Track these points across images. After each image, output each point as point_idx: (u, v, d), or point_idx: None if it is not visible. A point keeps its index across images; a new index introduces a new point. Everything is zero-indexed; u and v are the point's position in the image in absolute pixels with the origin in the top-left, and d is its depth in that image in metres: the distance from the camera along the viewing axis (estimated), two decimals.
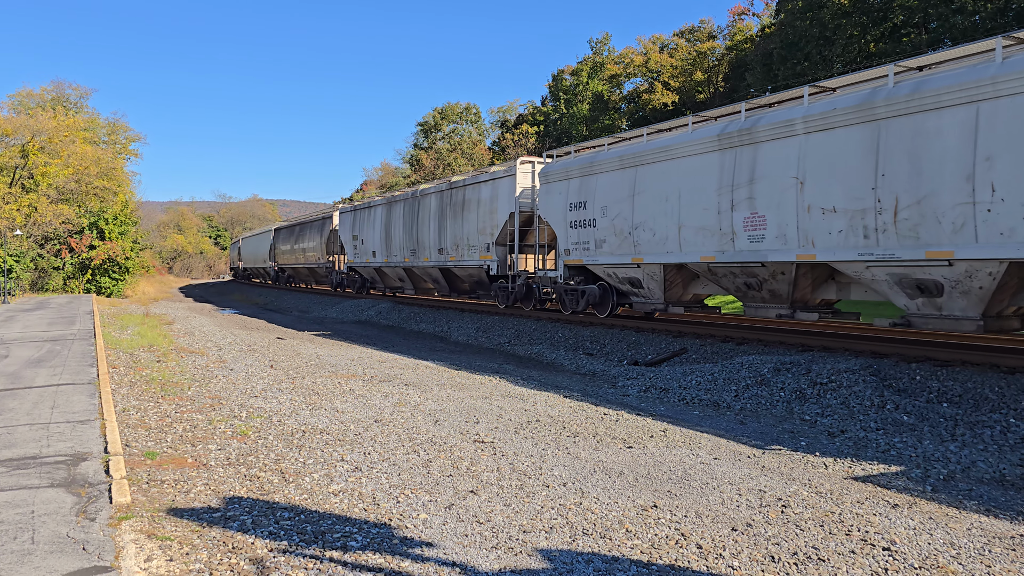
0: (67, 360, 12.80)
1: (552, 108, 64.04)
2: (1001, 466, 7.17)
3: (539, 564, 4.70)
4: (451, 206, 24.00)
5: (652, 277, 15.42)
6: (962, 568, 4.76)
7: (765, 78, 37.73)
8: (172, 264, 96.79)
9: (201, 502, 5.72)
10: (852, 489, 6.42)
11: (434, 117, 78.66)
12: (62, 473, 6.09)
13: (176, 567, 4.51)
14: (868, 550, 5.02)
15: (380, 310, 27.98)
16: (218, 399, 9.92)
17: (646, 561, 4.78)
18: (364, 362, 14.35)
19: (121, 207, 43.96)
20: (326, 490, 6.07)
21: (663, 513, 5.69)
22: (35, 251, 39.83)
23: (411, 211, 27.06)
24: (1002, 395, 9.20)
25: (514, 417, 9.13)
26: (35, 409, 8.64)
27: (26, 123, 40.76)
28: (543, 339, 18.04)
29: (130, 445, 7.35)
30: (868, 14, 32.69)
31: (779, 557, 4.86)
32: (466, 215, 22.98)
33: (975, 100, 9.40)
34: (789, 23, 36.42)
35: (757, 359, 11.77)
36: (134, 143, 55.61)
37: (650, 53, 54.77)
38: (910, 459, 7.49)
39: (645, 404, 10.49)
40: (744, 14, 50.04)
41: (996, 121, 9.19)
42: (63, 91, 51.35)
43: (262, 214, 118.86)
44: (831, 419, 9.27)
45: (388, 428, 8.35)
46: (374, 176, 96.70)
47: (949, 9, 29.55)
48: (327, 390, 10.84)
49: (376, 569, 4.55)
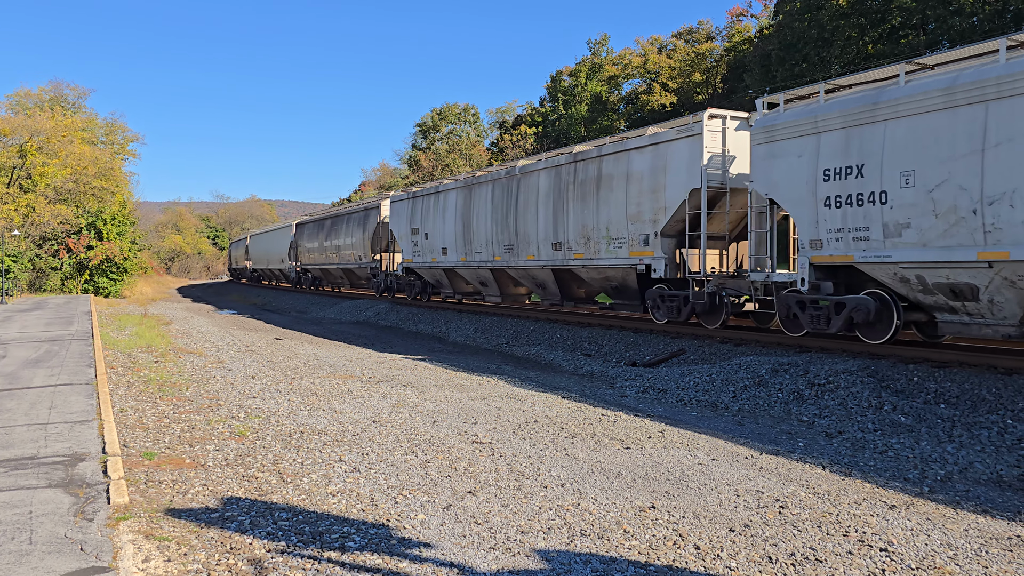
0: (65, 360, 12.79)
1: (551, 109, 64.06)
2: (998, 467, 7.18)
3: (537, 565, 4.70)
4: (576, 185, 17.96)
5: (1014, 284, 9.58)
6: (959, 569, 4.77)
7: (763, 79, 37.78)
8: (170, 264, 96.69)
9: (199, 502, 5.71)
10: (849, 490, 6.43)
11: (432, 118, 78.68)
12: (60, 473, 6.09)
13: (174, 567, 4.51)
14: (865, 551, 5.02)
15: (378, 311, 27.97)
16: (216, 400, 9.91)
17: (644, 562, 4.78)
18: (362, 363, 14.35)
19: (119, 207, 43.94)
20: (324, 491, 6.07)
21: (661, 514, 5.69)
22: (33, 251, 39.80)
23: (505, 195, 21.10)
24: (999, 396, 9.22)
25: (512, 418, 9.13)
26: (33, 409, 8.63)
27: (24, 123, 40.75)
28: (541, 340, 18.04)
29: (128, 446, 7.35)
30: (866, 15, 32.75)
31: (777, 558, 4.87)
32: (604, 196, 16.94)
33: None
34: (787, 24, 36.47)
35: (755, 360, 11.78)
36: (132, 143, 55.75)
37: (648, 54, 54.85)
38: (907, 460, 7.50)
39: (643, 405, 10.50)
40: (742, 15, 50.12)
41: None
42: (61, 91, 51.42)
43: (260, 214, 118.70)
44: (829, 420, 9.29)
45: (386, 429, 8.35)
46: (372, 177, 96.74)
47: (947, 11, 29.62)
48: (325, 391, 10.84)
49: (374, 569, 4.55)
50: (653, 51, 55.18)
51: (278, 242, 50.03)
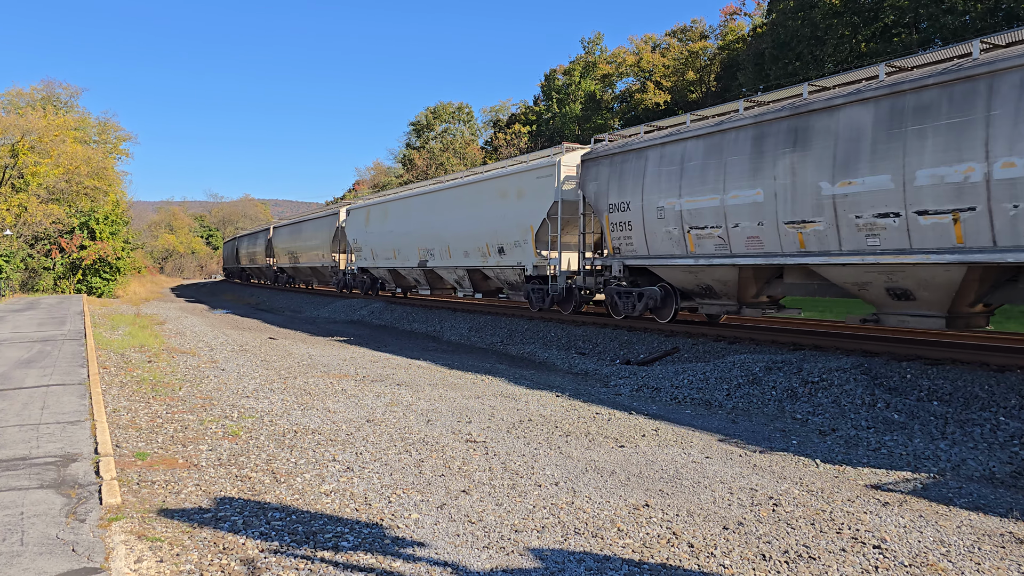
0: (57, 361, 12.74)
1: (544, 108, 64.10)
2: (991, 464, 7.21)
3: (531, 563, 4.70)
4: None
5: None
6: (952, 566, 4.78)
7: (757, 78, 37.84)
8: (163, 264, 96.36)
9: (192, 503, 5.69)
10: (843, 487, 6.45)
11: (427, 117, 78.65)
12: (52, 474, 6.06)
13: (166, 568, 4.50)
14: (859, 548, 5.03)
15: (373, 310, 27.93)
16: (209, 399, 9.88)
17: (638, 560, 4.78)
18: (356, 362, 14.33)
19: (112, 207, 43.79)
20: (317, 490, 6.06)
21: (655, 512, 5.69)
22: (25, 251, 39.62)
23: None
24: (992, 393, 9.25)
25: (506, 417, 9.13)
26: (25, 410, 8.59)
27: (16, 122, 40.52)
28: (535, 339, 18.04)
29: (120, 446, 7.32)
30: (859, 14, 32.82)
31: (770, 555, 4.88)
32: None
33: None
34: (781, 23, 36.54)
35: (749, 358, 11.80)
36: (125, 142, 55.55)
37: (642, 53, 54.91)
38: (901, 457, 7.52)
39: (637, 403, 10.51)
40: (736, 14, 50.23)
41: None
42: (53, 90, 51.20)
43: (254, 214, 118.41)
44: (822, 418, 9.31)
45: (380, 428, 8.34)
46: (366, 176, 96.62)
47: (939, 9, 29.70)
48: (319, 390, 10.82)
49: (367, 569, 4.54)
50: (647, 50, 55.24)
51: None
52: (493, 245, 20.99)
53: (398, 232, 27.26)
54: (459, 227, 22.95)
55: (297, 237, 42.56)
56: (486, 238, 21.27)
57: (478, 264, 22.07)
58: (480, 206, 21.65)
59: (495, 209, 20.70)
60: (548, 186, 18.27)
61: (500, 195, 20.63)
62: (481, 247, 21.65)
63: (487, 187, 21.61)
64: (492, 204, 20.95)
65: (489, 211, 20.99)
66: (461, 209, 22.94)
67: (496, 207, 20.66)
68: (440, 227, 24.15)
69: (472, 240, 22.17)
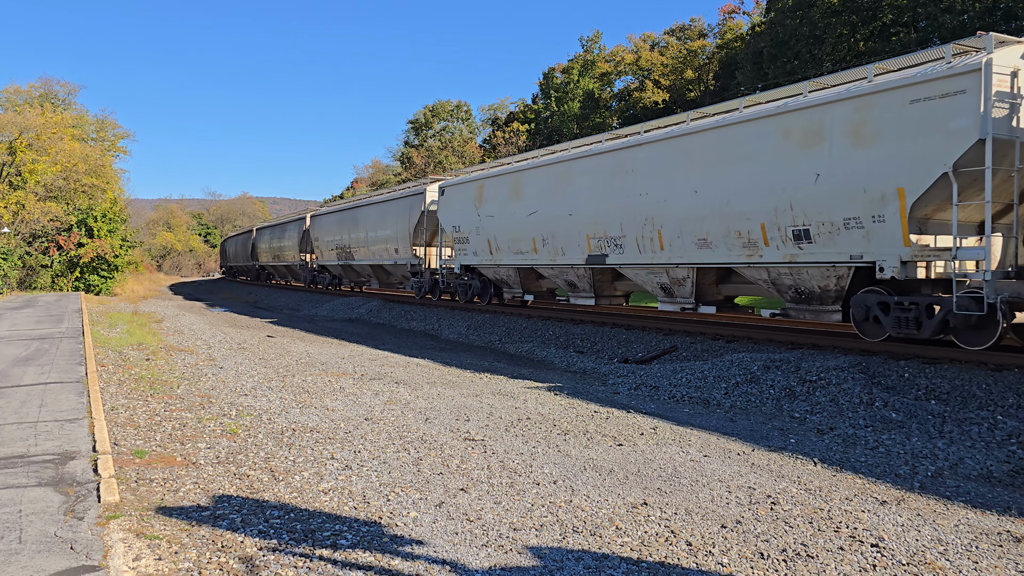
0: (55, 358, 12.72)
1: (543, 106, 64.04)
2: (988, 462, 7.22)
3: (529, 562, 4.70)
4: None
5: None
6: (949, 564, 4.79)
7: (755, 76, 37.85)
8: (161, 262, 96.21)
9: (190, 501, 5.69)
10: (841, 486, 6.46)
11: (425, 115, 78.59)
12: (50, 472, 6.05)
13: (165, 566, 4.49)
14: (856, 547, 5.04)
15: (371, 308, 27.93)
16: (208, 397, 9.88)
17: (636, 558, 4.79)
18: (354, 360, 14.32)
19: (110, 204, 43.68)
20: (316, 488, 6.06)
21: (653, 510, 5.70)
22: (23, 249, 39.55)
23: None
24: (989, 392, 9.26)
25: (504, 415, 9.13)
26: (23, 408, 8.58)
27: (13, 120, 40.43)
28: (534, 337, 18.04)
29: (119, 444, 7.32)
30: (858, 13, 32.82)
31: (768, 554, 4.89)
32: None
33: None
34: (779, 22, 36.53)
35: (747, 357, 11.81)
36: (123, 140, 55.36)
37: (641, 51, 54.86)
38: (898, 456, 7.53)
39: (635, 402, 10.52)
40: (734, 12, 50.20)
41: None
42: (51, 87, 51.04)
43: (252, 212, 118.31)
44: (820, 416, 9.32)
45: (378, 426, 8.34)
46: (365, 174, 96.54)
47: (938, 8, 29.70)
48: (317, 388, 10.81)
49: (366, 567, 4.54)
50: (645, 48, 55.20)
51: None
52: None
53: (546, 214, 18.99)
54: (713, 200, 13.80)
55: (353, 227, 33.69)
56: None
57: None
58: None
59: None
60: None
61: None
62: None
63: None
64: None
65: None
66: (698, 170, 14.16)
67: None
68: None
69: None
